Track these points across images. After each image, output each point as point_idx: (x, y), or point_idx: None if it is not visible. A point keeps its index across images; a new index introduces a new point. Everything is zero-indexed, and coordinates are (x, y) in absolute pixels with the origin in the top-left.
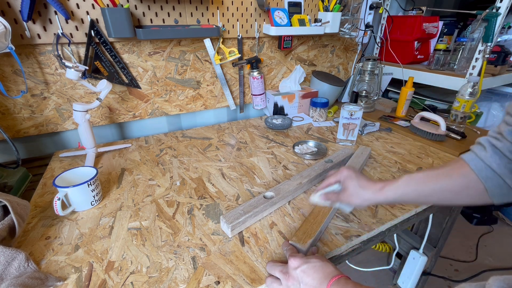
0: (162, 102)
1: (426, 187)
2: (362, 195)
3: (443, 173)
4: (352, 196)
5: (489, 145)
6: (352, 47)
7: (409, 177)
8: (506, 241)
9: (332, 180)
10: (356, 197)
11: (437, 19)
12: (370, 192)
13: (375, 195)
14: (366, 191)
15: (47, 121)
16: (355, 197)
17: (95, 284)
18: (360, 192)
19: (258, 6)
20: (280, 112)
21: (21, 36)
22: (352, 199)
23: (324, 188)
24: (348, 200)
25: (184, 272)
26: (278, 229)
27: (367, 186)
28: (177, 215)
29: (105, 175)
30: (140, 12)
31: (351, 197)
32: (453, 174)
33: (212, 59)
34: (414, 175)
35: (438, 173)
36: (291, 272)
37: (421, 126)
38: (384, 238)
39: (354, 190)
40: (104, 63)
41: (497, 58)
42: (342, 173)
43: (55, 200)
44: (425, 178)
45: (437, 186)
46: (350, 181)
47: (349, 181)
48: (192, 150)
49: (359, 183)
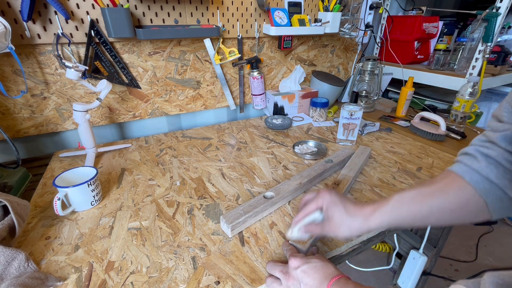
0: (162, 102)
1: (421, 207)
2: (351, 224)
3: (437, 189)
4: (340, 227)
5: (480, 154)
6: (352, 47)
7: (400, 197)
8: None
9: (311, 207)
10: (344, 228)
11: (437, 19)
12: (359, 220)
13: (366, 223)
14: (355, 220)
15: (47, 121)
16: (343, 228)
17: (95, 284)
18: (347, 221)
19: (258, 6)
20: (280, 112)
21: (21, 36)
22: (340, 230)
23: (302, 219)
24: (334, 232)
25: (184, 272)
26: (278, 229)
27: (355, 213)
28: (177, 215)
29: (105, 175)
30: (140, 12)
31: (338, 229)
32: (449, 190)
33: (212, 59)
34: (405, 194)
35: (431, 191)
36: (291, 272)
37: (421, 126)
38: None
39: (341, 220)
40: (104, 63)
41: (497, 58)
42: (324, 198)
43: (55, 200)
44: (419, 197)
45: (433, 206)
46: (334, 208)
47: (334, 208)
48: (192, 150)
49: (345, 210)
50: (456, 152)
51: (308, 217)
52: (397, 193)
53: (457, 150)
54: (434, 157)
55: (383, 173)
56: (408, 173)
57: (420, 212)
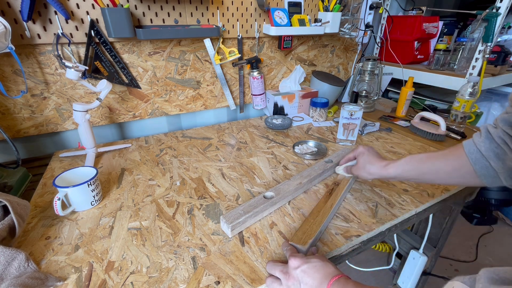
0: (162, 102)
1: (424, 166)
2: (369, 169)
3: (441, 155)
4: (361, 169)
5: (485, 131)
6: (352, 47)
7: (411, 157)
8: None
9: (351, 155)
10: (363, 171)
11: (437, 19)
12: (375, 167)
13: (379, 171)
14: (373, 167)
15: (47, 121)
16: (363, 171)
17: (95, 284)
18: (367, 167)
19: (258, 6)
20: (280, 112)
21: (21, 36)
22: (361, 172)
23: (345, 162)
24: (357, 173)
25: (184, 272)
26: (278, 229)
27: (374, 162)
28: (177, 215)
29: (105, 175)
30: (140, 12)
31: (360, 170)
32: (449, 156)
33: (212, 59)
34: (416, 156)
35: (437, 155)
36: (291, 272)
37: (421, 126)
38: (384, 238)
39: (363, 165)
40: (104, 63)
41: (497, 58)
42: (358, 150)
43: (55, 200)
44: (425, 158)
45: (433, 166)
46: (361, 157)
47: (361, 156)
48: (192, 150)
49: (368, 159)
50: None
51: (349, 162)
52: (411, 154)
53: None
54: None
55: None
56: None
57: (422, 169)
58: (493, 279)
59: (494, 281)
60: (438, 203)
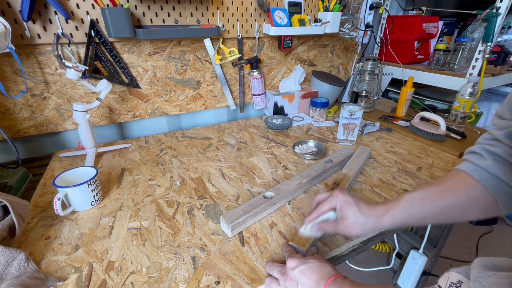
0: (162, 102)
1: (432, 206)
2: (364, 224)
3: (447, 189)
4: (354, 225)
5: (486, 152)
6: (352, 47)
7: (411, 197)
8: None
9: (325, 207)
10: (357, 227)
11: (437, 19)
12: (372, 219)
13: (379, 222)
14: (368, 219)
15: (47, 121)
16: (357, 227)
17: (95, 284)
18: (361, 221)
19: (258, 6)
20: (280, 112)
21: (21, 36)
22: (353, 229)
23: (316, 218)
24: (348, 230)
25: (184, 272)
26: (278, 229)
27: (367, 213)
28: (177, 215)
29: (105, 175)
30: (140, 12)
31: (352, 227)
32: (458, 189)
33: (212, 59)
34: (415, 194)
35: (441, 190)
36: (289, 272)
37: (421, 126)
38: (384, 238)
39: (355, 219)
40: (104, 63)
41: (497, 58)
42: (338, 198)
43: (55, 200)
44: (429, 196)
45: (444, 204)
46: (348, 208)
47: (347, 207)
48: (192, 150)
49: (359, 210)
50: (456, 152)
51: (322, 216)
52: (408, 193)
53: (457, 150)
54: (434, 157)
55: (383, 173)
56: (408, 173)
57: (430, 211)
58: (487, 267)
59: (487, 268)
60: None
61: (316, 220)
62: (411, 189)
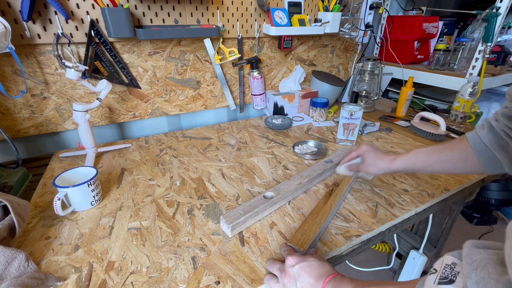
0: (162, 102)
1: (430, 158)
2: (378, 165)
3: (447, 147)
4: (370, 166)
5: (487, 124)
6: (352, 47)
7: (417, 151)
8: None
9: (353, 154)
10: (373, 167)
11: (437, 19)
12: (384, 162)
13: (388, 165)
14: (382, 162)
15: (47, 121)
16: (373, 167)
17: (95, 284)
18: (376, 163)
19: (258, 6)
20: (280, 112)
21: (21, 36)
22: (370, 168)
23: (347, 162)
24: (366, 170)
25: (184, 272)
26: (278, 229)
27: (382, 157)
28: (177, 215)
29: (105, 175)
30: (140, 12)
31: (369, 167)
32: (454, 148)
33: (212, 59)
34: (422, 149)
35: (442, 147)
36: (287, 269)
37: (421, 126)
38: (384, 238)
39: (372, 161)
40: (104, 63)
41: (497, 58)
42: (362, 148)
43: (55, 200)
44: (431, 151)
45: (440, 158)
46: (368, 154)
47: (368, 154)
48: (192, 150)
49: (376, 155)
50: None
51: (351, 161)
52: (417, 149)
53: None
54: None
55: None
56: (408, 173)
57: (429, 162)
58: (477, 246)
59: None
60: (438, 203)
61: (347, 163)
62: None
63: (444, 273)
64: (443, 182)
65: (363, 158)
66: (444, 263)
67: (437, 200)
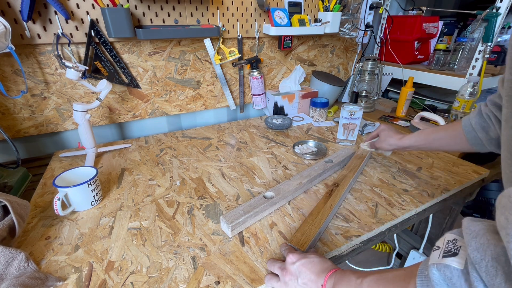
0: (162, 102)
1: (430, 137)
2: (389, 141)
3: (443, 128)
4: (382, 142)
5: (478, 108)
6: (352, 47)
7: (422, 131)
8: None
9: (374, 133)
10: (385, 143)
11: (437, 19)
12: (394, 139)
13: (397, 142)
14: (392, 139)
15: (47, 121)
16: (385, 143)
17: (95, 284)
18: (388, 139)
19: (258, 6)
20: (280, 112)
21: (21, 36)
22: (383, 144)
23: (370, 139)
24: (380, 145)
25: (184, 272)
26: (278, 229)
27: (393, 135)
28: (177, 215)
29: (105, 175)
30: (140, 12)
31: (382, 143)
32: (449, 129)
33: (212, 59)
34: (424, 130)
35: (440, 128)
36: (288, 267)
37: (421, 126)
38: (384, 238)
39: (384, 138)
40: (104, 63)
41: (497, 58)
42: (380, 127)
43: (55, 200)
44: (430, 131)
45: (436, 136)
46: (383, 132)
47: (382, 132)
48: (192, 150)
49: (389, 133)
50: (456, 152)
51: (373, 139)
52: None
53: None
54: (434, 157)
55: (383, 173)
56: (408, 173)
57: (429, 139)
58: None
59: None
60: (438, 203)
61: (370, 141)
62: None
63: (447, 248)
64: (443, 182)
65: (379, 136)
66: (446, 240)
67: (437, 200)
